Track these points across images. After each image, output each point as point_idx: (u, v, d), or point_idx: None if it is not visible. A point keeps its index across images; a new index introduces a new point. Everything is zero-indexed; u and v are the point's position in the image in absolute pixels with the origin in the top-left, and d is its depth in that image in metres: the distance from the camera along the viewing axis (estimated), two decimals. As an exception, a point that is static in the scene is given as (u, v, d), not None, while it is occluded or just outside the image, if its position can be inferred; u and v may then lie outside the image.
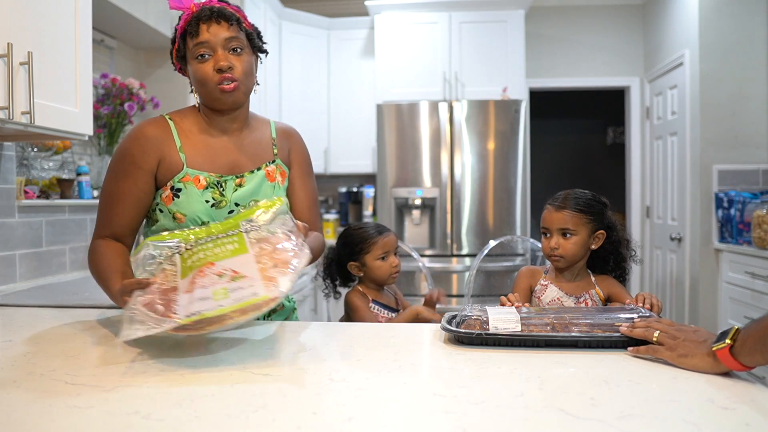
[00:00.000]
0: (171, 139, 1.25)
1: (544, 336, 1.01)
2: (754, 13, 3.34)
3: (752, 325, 0.80)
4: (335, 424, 0.68)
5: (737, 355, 0.81)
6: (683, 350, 0.89)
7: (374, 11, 3.82)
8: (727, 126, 3.39)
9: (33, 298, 1.60)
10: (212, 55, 1.20)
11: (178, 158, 1.24)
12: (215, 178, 1.25)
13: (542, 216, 1.43)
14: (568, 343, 1.00)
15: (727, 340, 0.82)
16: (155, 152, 1.23)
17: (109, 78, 2.51)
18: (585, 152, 6.18)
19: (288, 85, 3.90)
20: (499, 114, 3.48)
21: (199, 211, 1.22)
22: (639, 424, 0.67)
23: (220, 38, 1.20)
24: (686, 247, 3.60)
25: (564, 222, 1.36)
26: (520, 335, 1.02)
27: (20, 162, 2.10)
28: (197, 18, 1.20)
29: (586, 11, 4.33)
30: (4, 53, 1.39)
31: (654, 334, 0.94)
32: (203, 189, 1.23)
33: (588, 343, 1.00)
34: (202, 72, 1.21)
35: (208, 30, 1.19)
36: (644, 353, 0.94)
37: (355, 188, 4.15)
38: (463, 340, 1.04)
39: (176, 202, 1.22)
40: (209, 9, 1.21)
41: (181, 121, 1.28)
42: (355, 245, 1.54)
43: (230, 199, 1.25)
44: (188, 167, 1.24)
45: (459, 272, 3.46)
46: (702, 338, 0.90)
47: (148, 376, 0.85)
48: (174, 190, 1.23)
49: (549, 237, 1.40)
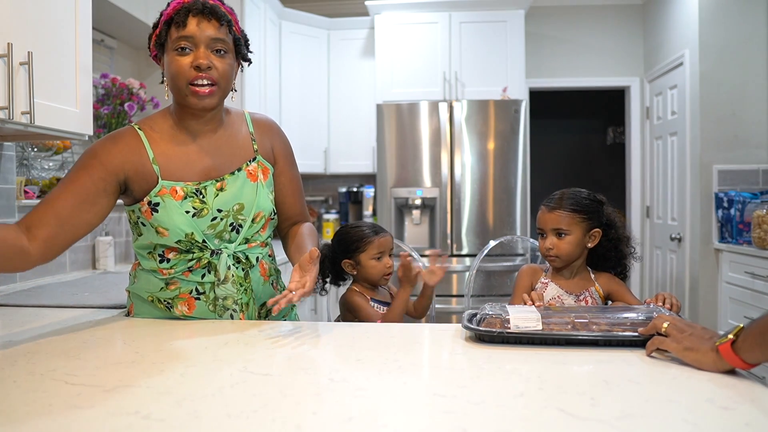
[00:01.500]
0: (143, 149, 1.19)
1: (565, 335, 1.02)
2: (754, 13, 3.34)
3: (754, 322, 0.81)
4: (335, 424, 0.68)
5: (739, 351, 0.82)
6: (689, 343, 0.90)
7: (374, 11, 3.82)
8: (727, 126, 3.39)
9: (33, 298, 1.60)
10: (193, 51, 1.15)
11: (151, 170, 1.18)
12: (193, 187, 1.20)
13: (537, 217, 1.45)
14: (588, 341, 1.01)
15: (730, 335, 0.83)
16: (122, 157, 1.17)
17: (109, 78, 2.51)
18: (585, 152, 6.18)
19: (288, 85, 3.90)
20: (499, 114, 3.48)
21: (181, 223, 1.18)
22: (639, 424, 0.67)
23: (205, 35, 1.15)
24: (686, 247, 3.60)
25: (557, 222, 1.38)
26: (541, 334, 1.02)
27: (20, 162, 2.10)
28: (188, 9, 1.14)
29: (586, 11, 4.33)
30: (4, 53, 1.39)
31: (663, 324, 0.95)
32: (182, 200, 1.18)
33: (609, 341, 1.01)
34: (177, 65, 1.15)
35: (197, 24, 1.14)
36: (652, 346, 0.94)
37: (355, 188, 4.15)
38: (485, 338, 1.05)
39: (155, 217, 1.18)
40: (202, 3, 1.16)
41: (151, 130, 1.22)
42: (351, 243, 1.54)
43: (212, 205, 1.21)
44: (163, 180, 1.19)
45: (459, 272, 3.46)
46: (708, 335, 0.91)
47: (148, 376, 0.85)
48: (152, 204, 1.18)
49: (544, 237, 1.42)
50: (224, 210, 1.22)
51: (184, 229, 1.18)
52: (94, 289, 1.82)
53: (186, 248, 1.20)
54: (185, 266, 1.22)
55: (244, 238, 1.26)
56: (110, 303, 1.52)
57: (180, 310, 1.24)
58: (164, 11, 1.19)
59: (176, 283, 1.23)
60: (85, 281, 2.00)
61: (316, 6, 4.33)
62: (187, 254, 1.21)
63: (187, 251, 1.21)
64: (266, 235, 1.32)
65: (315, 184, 4.43)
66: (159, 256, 1.23)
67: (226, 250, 1.23)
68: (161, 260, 1.22)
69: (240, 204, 1.24)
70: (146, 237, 1.22)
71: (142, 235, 1.23)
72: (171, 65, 1.16)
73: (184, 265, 1.22)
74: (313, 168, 4.02)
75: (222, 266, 1.21)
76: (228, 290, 1.23)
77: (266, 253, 1.34)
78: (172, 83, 1.18)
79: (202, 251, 1.22)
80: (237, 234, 1.25)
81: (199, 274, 1.23)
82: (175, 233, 1.18)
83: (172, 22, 1.15)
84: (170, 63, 1.16)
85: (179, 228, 1.18)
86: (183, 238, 1.19)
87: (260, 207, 1.26)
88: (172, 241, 1.19)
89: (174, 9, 1.16)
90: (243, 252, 1.26)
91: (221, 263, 1.21)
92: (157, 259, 1.23)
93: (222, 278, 1.21)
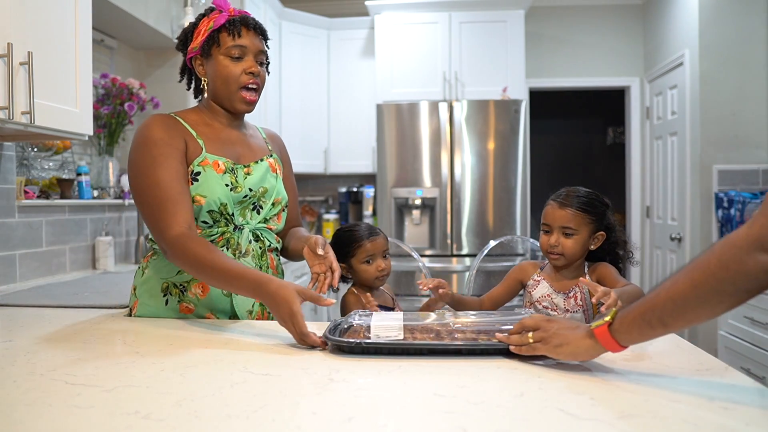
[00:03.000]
0: (183, 126, 1.29)
1: (425, 344, 0.97)
2: (754, 13, 3.34)
3: (633, 305, 0.83)
4: (335, 424, 0.68)
5: (615, 333, 0.83)
6: (557, 340, 0.90)
7: (374, 11, 3.82)
8: (727, 126, 3.39)
9: (33, 298, 1.60)
10: (242, 59, 1.28)
11: (197, 143, 1.28)
12: (231, 164, 1.30)
13: (544, 211, 1.40)
14: (450, 351, 0.97)
15: (606, 318, 0.85)
16: (178, 134, 1.26)
17: (109, 78, 2.51)
18: (585, 152, 6.19)
19: (288, 85, 3.90)
20: (499, 114, 3.48)
21: (220, 194, 1.25)
22: (639, 424, 0.67)
23: (256, 47, 1.29)
24: (686, 247, 3.60)
25: (567, 220, 1.34)
26: (400, 344, 0.97)
27: (20, 162, 2.10)
28: (242, 21, 1.28)
29: (586, 11, 4.33)
30: (4, 53, 1.39)
31: (528, 335, 0.94)
32: (223, 173, 1.27)
33: (472, 350, 0.97)
34: (231, 70, 1.27)
35: (249, 37, 1.28)
36: (525, 352, 0.94)
37: (355, 188, 4.15)
38: (344, 349, 0.99)
39: (195, 186, 1.25)
40: (252, 19, 1.31)
41: (185, 117, 1.32)
42: (343, 247, 1.53)
43: (244, 184, 1.30)
44: (207, 152, 1.28)
45: (459, 272, 3.46)
46: (575, 325, 0.92)
47: (148, 376, 0.85)
48: (193, 174, 1.25)
49: (549, 234, 1.38)
50: (253, 190, 1.32)
51: (221, 198, 1.26)
52: (94, 289, 1.82)
53: (215, 219, 1.27)
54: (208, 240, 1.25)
55: (263, 218, 1.35)
56: (110, 303, 1.52)
57: (194, 293, 1.27)
58: (206, 22, 1.29)
59: None
60: (85, 281, 2.00)
61: (316, 6, 4.33)
62: (212, 228, 1.27)
63: (213, 225, 1.27)
64: (280, 226, 1.42)
65: (315, 184, 4.43)
66: None
67: (248, 226, 1.31)
68: None
69: (264, 188, 1.34)
70: None
71: None
72: (224, 70, 1.28)
73: (207, 239, 1.25)
74: (313, 168, 4.03)
75: (244, 240, 1.29)
76: (248, 263, 1.28)
77: (277, 249, 1.41)
78: (222, 86, 1.29)
79: (227, 225, 1.29)
80: (258, 214, 1.35)
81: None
82: (212, 201, 1.25)
83: (224, 30, 1.27)
84: (222, 68, 1.28)
85: (217, 196, 1.25)
86: (216, 208, 1.26)
87: (279, 194, 1.39)
88: (205, 210, 1.25)
89: (227, 19, 1.28)
90: (261, 231, 1.34)
91: (243, 237, 1.29)
92: None
93: (243, 251, 1.28)
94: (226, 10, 1.29)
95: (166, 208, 1.17)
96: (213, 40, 1.28)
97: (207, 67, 1.31)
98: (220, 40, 1.27)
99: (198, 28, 1.30)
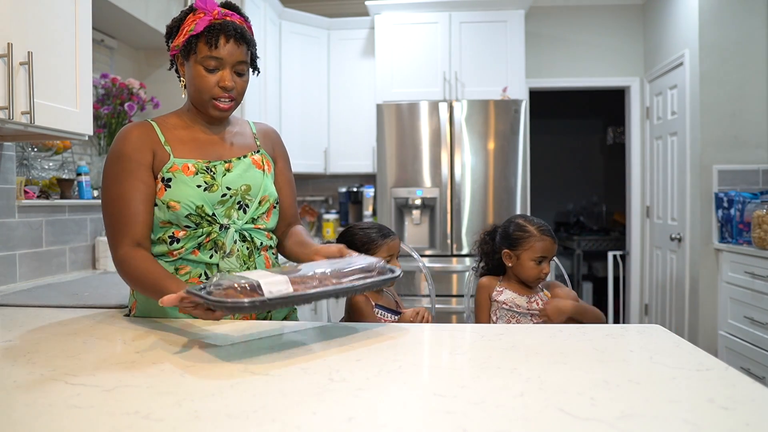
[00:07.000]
0: (154, 134, 1.28)
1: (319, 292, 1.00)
2: (754, 13, 3.34)
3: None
4: (335, 424, 0.68)
5: None
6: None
7: (374, 11, 3.82)
8: (727, 126, 3.39)
9: (33, 298, 1.60)
10: (218, 70, 1.25)
11: (164, 151, 1.27)
12: (203, 164, 1.28)
13: (542, 246, 1.60)
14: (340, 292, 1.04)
15: None
16: (147, 146, 1.26)
17: (109, 78, 2.51)
18: (585, 152, 6.19)
19: (288, 85, 3.90)
20: (499, 114, 3.48)
21: (192, 196, 1.24)
22: (639, 424, 0.67)
23: (233, 59, 1.25)
24: (686, 247, 3.60)
25: (555, 250, 1.63)
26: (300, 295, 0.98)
27: (20, 162, 2.10)
28: (220, 30, 1.23)
29: (586, 11, 4.33)
30: (4, 53, 1.39)
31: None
32: (193, 175, 1.26)
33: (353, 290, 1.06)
34: (205, 82, 1.25)
35: (227, 47, 1.23)
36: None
37: (355, 188, 4.15)
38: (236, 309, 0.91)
39: (168, 192, 1.24)
40: (233, 27, 1.24)
41: (163, 122, 1.32)
42: (359, 247, 1.51)
43: (221, 183, 1.28)
44: (175, 158, 1.27)
45: (459, 272, 3.46)
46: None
47: (148, 376, 0.85)
48: (165, 181, 1.25)
49: (540, 264, 1.60)
50: (233, 188, 1.29)
51: (195, 201, 1.24)
52: (94, 289, 1.82)
53: (196, 223, 1.26)
54: (195, 243, 1.26)
55: (250, 218, 1.33)
56: (110, 303, 1.52)
57: None
58: (190, 20, 1.26)
59: (186, 267, 1.26)
60: (85, 281, 2.00)
61: (316, 6, 4.33)
62: (197, 230, 1.26)
63: (196, 227, 1.26)
64: (271, 224, 1.38)
65: (315, 184, 4.43)
66: (169, 238, 1.26)
67: (234, 225, 1.29)
68: (171, 242, 1.26)
69: (247, 185, 1.31)
70: (158, 216, 1.26)
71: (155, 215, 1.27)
72: (197, 79, 1.26)
73: (193, 241, 1.26)
74: (313, 168, 4.03)
75: (228, 240, 1.27)
76: (232, 264, 1.27)
77: (271, 246, 1.38)
78: (196, 93, 1.28)
79: (211, 225, 1.27)
80: (244, 213, 1.32)
81: (207, 254, 1.26)
82: (186, 206, 1.23)
83: (203, 39, 1.23)
84: (196, 77, 1.26)
85: (190, 200, 1.23)
86: (193, 211, 1.24)
87: (266, 191, 1.35)
88: (183, 215, 1.24)
89: (206, 25, 1.23)
90: (249, 231, 1.32)
91: (228, 237, 1.27)
92: (167, 241, 1.26)
93: (227, 251, 1.27)
94: (209, 12, 1.25)
95: (119, 228, 1.22)
96: (190, 47, 1.24)
97: (186, 69, 1.29)
98: (197, 48, 1.23)
99: (183, 24, 1.27)
